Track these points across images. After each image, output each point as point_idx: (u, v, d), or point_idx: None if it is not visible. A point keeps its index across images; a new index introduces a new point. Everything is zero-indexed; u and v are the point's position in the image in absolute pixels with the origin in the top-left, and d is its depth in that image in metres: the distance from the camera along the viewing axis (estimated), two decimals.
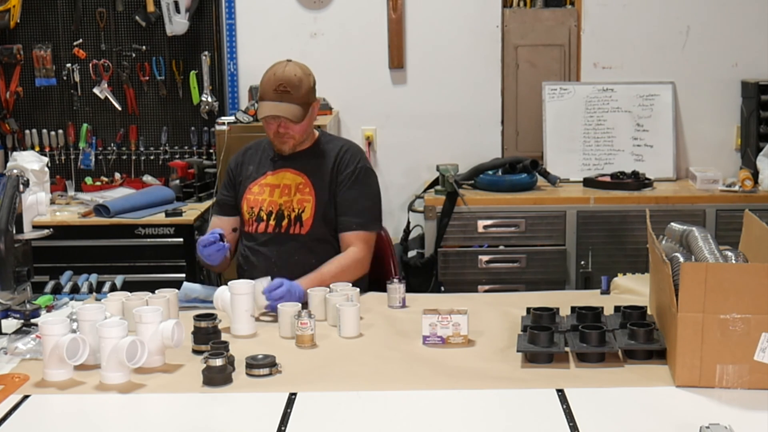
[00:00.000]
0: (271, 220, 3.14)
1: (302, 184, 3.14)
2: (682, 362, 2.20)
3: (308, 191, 3.13)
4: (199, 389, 2.26)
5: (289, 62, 3.13)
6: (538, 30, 4.84)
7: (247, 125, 4.47)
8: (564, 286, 4.37)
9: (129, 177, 4.98)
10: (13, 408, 2.17)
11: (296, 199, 3.13)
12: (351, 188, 3.14)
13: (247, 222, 3.18)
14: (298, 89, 3.07)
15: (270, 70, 3.12)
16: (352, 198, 3.14)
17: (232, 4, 4.82)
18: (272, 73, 3.10)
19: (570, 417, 2.06)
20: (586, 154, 4.80)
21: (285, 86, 3.06)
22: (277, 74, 3.08)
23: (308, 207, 3.12)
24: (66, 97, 4.95)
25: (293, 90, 3.06)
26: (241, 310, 2.66)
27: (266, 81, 3.10)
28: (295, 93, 3.06)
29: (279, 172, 3.18)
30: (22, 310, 2.61)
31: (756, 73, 4.77)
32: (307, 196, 3.12)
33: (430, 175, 4.74)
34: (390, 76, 4.89)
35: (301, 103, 3.08)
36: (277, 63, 3.14)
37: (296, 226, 3.11)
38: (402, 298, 2.91)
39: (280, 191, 3.15)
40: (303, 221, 3.11)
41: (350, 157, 3.18)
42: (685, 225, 2.62)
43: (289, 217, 3.12)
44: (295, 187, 3.14)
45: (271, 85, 3.07)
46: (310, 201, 3.12)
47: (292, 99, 3.06)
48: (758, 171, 4.51)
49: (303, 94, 3.08)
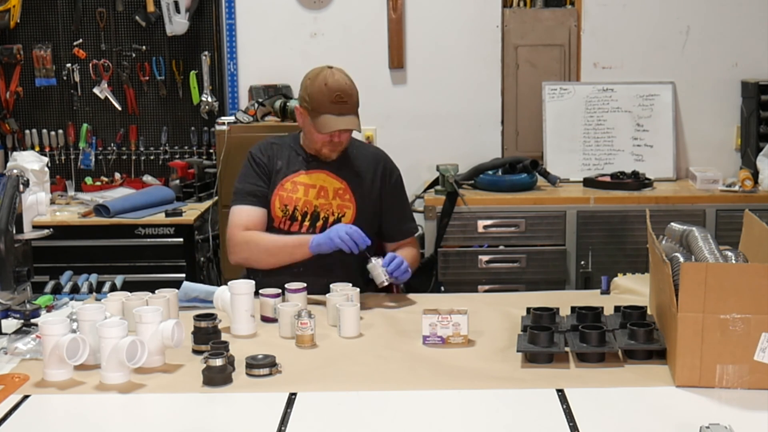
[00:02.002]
0: (306, 220, 3.11)
1: (342, 189, 3.12)
2: (682, 362, 2.20)
3: (348, 198, 3.12)
4: (199, 389, 2.26)
5: (332, 69, 3.06)
6: (538, 30, 4.84)
7: (247, 125, 4.48)
8: (564, 286, 4.36)
9: (129, 177, 4.98)
10: (13, 408, 2.17)
11: (336, 203, 3.11)
12: (399, 196, 3.23)
13: (280, 219, 3.12)
14: (352, 97, 3.04)
15: (317, 80, 3.03)
16: (403, 206, 3.25)
17: (232, 4, 4.82)
18: (323, 84, 3.01)
19: (570, 417, 2.06)
20: (586, 154, 4.80)
21: (342, 96, 3.01)
22: (330, 84, 3.01)
23: (349, 213, 3.10)
24: (66, 97, 4.95)
25: (349, 99, 3.03)
26: (241, 310, 2.66)
27: (319, 92, 3.01)
28: (350, 101, 3.04)
29: (314, 172, 3.14)
30: (22, 310, 2.61)
31: (756, 73, 4.77)
32: (348, 203, 3.11)
33: (430, 175, 4.74)
34: (390, 76, 4.89)
35: (356, 110, 3.07)
36: (319, 71, 3.05)
37: None
38: (385, 273, 2.90)
39: (316, 192, 3.12)
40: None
41: (392, 166, 3.24)
42: (685, 225, 2.62)
43: (326, 219, 3.10)
44: (333, 192, 3.12)
45: (328, 97, 3.00)
46: (351, 208, 3.11)
47: (350, 108, 3.03)
48: (758, 171, 4.51)
49: (356, 100, 3.06)
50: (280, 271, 3.01)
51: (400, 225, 3.21)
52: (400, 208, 3.24)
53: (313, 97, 3.03)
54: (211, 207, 4.58)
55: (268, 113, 4.59)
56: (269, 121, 4.57)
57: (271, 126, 4.46)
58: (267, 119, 4.59)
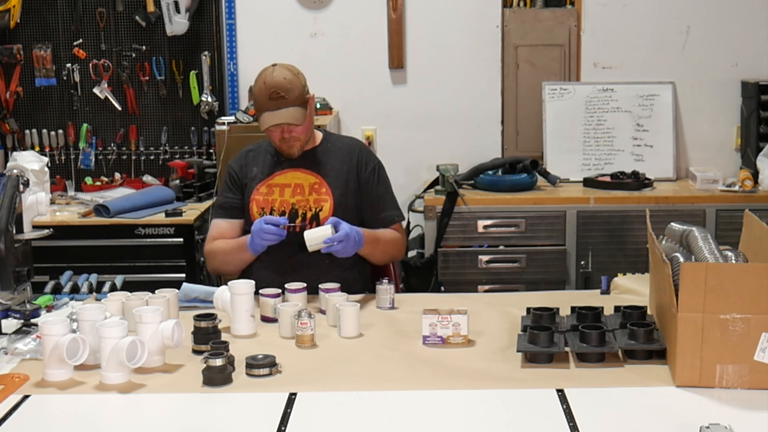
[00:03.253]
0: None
1: (317, 183, 3.14)
2: (682, 362, 2.20)
3: (324, 191, 3.14)
4: (199, 389, 2.26)
5: (275, 66, 3.11)
6: (538, 30, 4.84)
7: (247, 125, 4.47)
8: (564, 286, 4.37)
9: (129, 177, 4.98)
10: (13, 408, 2.17)
11: (312, 198, 3.13)
12: (378, 185, 3.21)
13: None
14: (291, 91, 3.06)
15: (259, 80, 3.10)
16: (382, 193, 3.22)
17: (232, 4, 4.82)
18: (262, 83, 3.08)
19: (570, 417, 2.06)
20: (586, 154, 4.80)
21: (278, 92, 3.05)
22: (267, 82, 3.06)
23: (326, 206, 3.12)
24: (66, 97, 4.95)
25: (287, 93, 3.05)
26: (241, 310, 2.66)
27: (258, 91, 3.08)
28: (289, 96, 3.06)
29: (288, 171, 3.18)
30: (22, 310, 2.61)
31: (756, 73, 4.77)
32: (324, 196, 3.13)
33: (430, 175, 4.74)
34: (390, 76, 4.89)
35: (298, 103, 3.08)
36: (263, 71, 3.12)
37: (312, 225, 3.09)
38: (391, 299, 2.92)
39: (291, 190, 3.15)
40: (320, 220, 3.10)
41: (367, 155, 3.26)
42: (685, 225, 2.62)
43: (305, 215, 3.12)
44: (309, 187, 3.14)
45: (265, 95, 3.06)
46: (328, 201, 3.12)
47: (288, 102, 3.06)
48: (758, 171, 4.51)
49: (297, 94, 3.08)
50: (282, 269, 3.05)
51: (380, 212, 3.19)
52: (379, 196, 3.22)
53: (255, 97, 3.12)
54: (211, 207, 4.57)
55: None
56: None
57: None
58: None
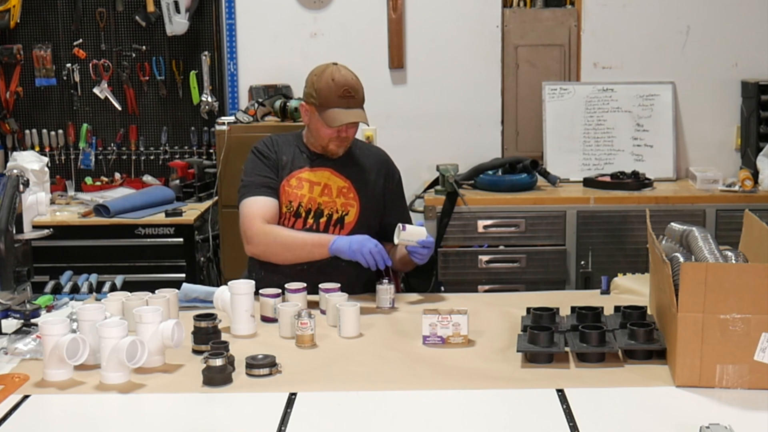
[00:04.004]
0: (310, 217, 3.10)
1: (346, 188, 3.14)
2: (682, 362, 2.20)
3: (353, 197, 3.14)
4: (199, 389, 2.26)
5: (337, 65, 3.09)
6: (538, 30, 4.84)
7: (247, 125, 4.47)
8: (564, 286, 4.36)
9: (129, 177, 4.98)
10: (13, 408, 2.17)
11: (339, 201, 3.12)
12: (400, 198, 3.30)
13: (284, 215, 3.11)
14: (359, 91, 3.08)
15: (324, 76, 3.05)
16: (404, 206, 3.32)
17: (232, 4, 4.82)
18: (330, 79, 3.04)
19: (570, 417, 2.06)
20: (586, 154, 4.80)
21: (349, 90, 3.04)
22: (337, 79, 3.03)
23: (353, 211, 3.12)
24: (66, 97, 4.95)
25: (356, 93, 3.06)
26: (241, 310, 2.66)
27: (326, 87, 3.03)
28: (358, 96, 3.07)
29: (318, 170, 3.15)
30: (22, 310, 2.61)
31: (756, 73, 4.77)
32: (352, 201, 3.13)
33: (430, 175, 4.74)
34: (390, 76, 4.89)
35: (362, 105, 3.10)
36: (325, 68, 3.08)
37: (336, 228, 3.10)
38: (391, 299, 2.92)
39: (320, 189, 3.12)
40: (345, 224, 3.10)
41: (393, 169, 3.29)
42: (685, 225, 2.62)
43: (330, 216, 3.11)
44: (337, 190, 3.13)
45: (335, 92, 3.03)
46: (355, 206, 3.13)
47: (357, 102, 3.07)
48: (758, 171, 4.51)
49: (362, 95, 3.10)
50: (282, 269, 3.02)
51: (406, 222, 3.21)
52: (401, 209, 3.28)
53: (320, 92, 3.05)
54: (211, 207, 4.58)
55: (268, 113, 4.59)
56: (269, 121, 4.57)
57: (271, 126, 4.45)
58: (267, 119, 4.59)
